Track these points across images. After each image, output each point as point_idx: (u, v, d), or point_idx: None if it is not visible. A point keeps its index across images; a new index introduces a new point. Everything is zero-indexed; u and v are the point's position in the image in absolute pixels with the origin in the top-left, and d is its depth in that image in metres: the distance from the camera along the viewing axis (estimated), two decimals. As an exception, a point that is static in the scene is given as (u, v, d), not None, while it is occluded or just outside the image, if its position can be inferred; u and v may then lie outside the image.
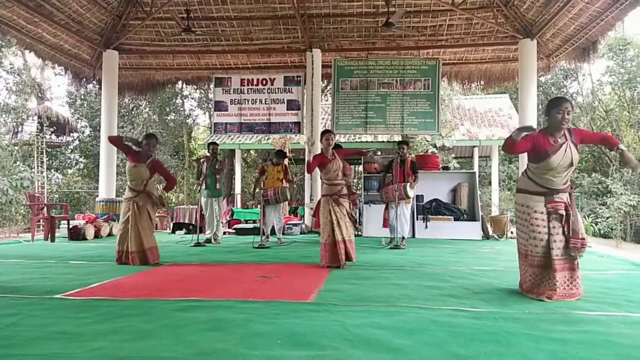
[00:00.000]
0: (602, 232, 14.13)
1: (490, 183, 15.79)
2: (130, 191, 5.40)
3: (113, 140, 5.96)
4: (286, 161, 8.10)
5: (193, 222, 9.49)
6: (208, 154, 7.77)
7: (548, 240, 3.47)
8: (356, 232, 9.33)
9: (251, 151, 19.85)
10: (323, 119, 13.70)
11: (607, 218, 14.02)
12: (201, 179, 7.60)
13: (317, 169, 5.30)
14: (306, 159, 10.58)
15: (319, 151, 5.68)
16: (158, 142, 5.55)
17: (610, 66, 17.80)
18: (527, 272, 3.62)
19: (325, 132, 5.32)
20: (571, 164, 3.45)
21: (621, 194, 13.98)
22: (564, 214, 3.46)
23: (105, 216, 9.55)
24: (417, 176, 7.23)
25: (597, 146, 18.37)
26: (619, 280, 4.47)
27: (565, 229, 3.45)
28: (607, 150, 3.35)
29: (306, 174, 10.54)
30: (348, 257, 5.06)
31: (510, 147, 3.50)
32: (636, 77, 15.92)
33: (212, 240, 7.70)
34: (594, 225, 13.98)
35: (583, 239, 3.45)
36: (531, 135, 3.46)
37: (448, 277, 4.43)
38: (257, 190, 7.56)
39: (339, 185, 5.19)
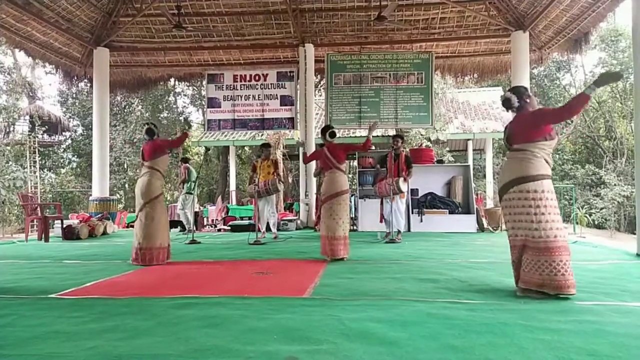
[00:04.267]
0: (596, 222, 14.24)
1: (484, 176, 15.86)
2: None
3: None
4: (279, 154, 8.18)
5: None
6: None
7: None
8: (351, 227, 9.27)
9: (245, 147, 19.81)
10: (317, 114, 13.67)
11: (601, 209, 14.13)
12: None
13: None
14: (300, 155, 10.57)
15: (312, 149, 5.74)
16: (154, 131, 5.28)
17: (603, 57, 17.90)
18: (512, 254, 3.37)
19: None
20: (507, 139, 3.50)
21: (615, 184, 14.09)
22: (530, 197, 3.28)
23: (99, 215, 9.50)
24: (412, 170, 7.23)
25: (591, 138, 18.48)
26: (612, 270, 4.50)
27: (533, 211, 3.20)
28: (585, 91, 3.20)
29: (301, 170, 10.53)
30: (333, 253, 5.07)
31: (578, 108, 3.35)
32: (628, 68, 15.99)
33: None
34: (588, 216, 14.08)
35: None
36: None
37: (443, 270, 4.44)
38: (250, 185, 7.59)
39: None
